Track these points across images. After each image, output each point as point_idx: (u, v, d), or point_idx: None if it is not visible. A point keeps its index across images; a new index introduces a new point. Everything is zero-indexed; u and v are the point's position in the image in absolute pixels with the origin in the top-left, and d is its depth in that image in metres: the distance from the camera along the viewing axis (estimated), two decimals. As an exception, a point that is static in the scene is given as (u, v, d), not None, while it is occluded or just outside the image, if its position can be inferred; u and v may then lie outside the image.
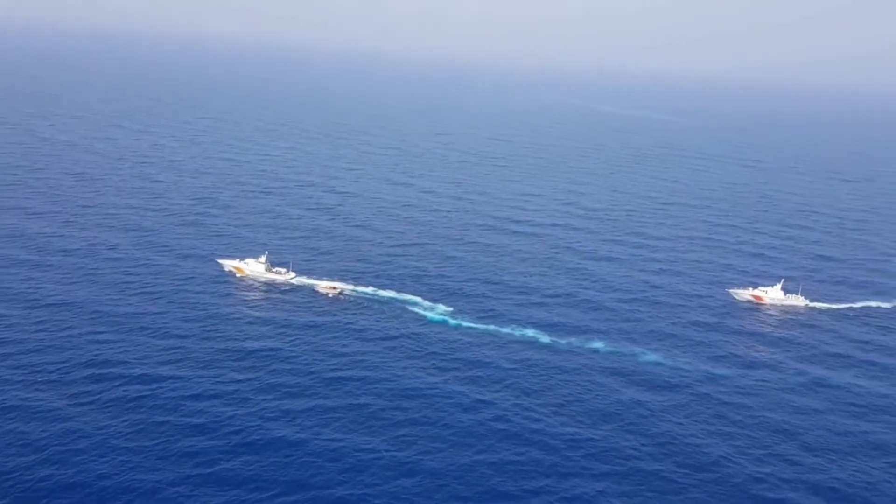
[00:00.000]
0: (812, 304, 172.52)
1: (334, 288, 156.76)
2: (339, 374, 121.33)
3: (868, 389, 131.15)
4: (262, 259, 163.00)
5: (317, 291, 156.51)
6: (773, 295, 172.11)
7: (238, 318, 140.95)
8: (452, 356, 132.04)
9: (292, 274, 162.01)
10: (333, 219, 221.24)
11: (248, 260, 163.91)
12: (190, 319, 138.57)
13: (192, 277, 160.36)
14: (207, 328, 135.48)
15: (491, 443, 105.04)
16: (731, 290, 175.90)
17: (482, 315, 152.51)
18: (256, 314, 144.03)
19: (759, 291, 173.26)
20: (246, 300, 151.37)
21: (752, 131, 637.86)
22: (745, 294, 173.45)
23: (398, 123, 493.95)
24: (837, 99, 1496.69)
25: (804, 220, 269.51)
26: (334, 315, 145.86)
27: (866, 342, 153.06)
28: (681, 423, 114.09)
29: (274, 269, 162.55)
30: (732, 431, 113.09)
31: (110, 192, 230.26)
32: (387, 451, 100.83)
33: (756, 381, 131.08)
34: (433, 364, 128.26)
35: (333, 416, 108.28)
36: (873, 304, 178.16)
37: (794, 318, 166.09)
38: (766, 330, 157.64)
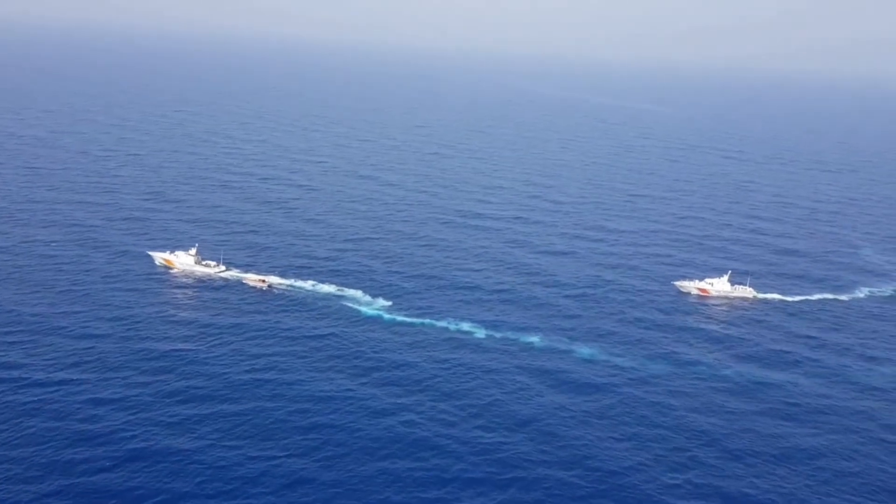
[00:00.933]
0: (761, 296, 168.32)
1: (263, 281, 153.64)
2: (253, 376, 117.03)
3: (806, 389, 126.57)
4: (192, 252, 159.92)
5: (245, 285, 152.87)
6: (719, 287, 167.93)
7: (161, 318, 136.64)
8: (378, 355, 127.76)
9: (222, 267, 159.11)
10: (289, 213, 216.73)
11: (178, 252, 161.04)
12: (111, 319, 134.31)
13: (124, 274, 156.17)
14: (127, 328, 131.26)
15: (398, 449, 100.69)
16: (676, 283, 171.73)
17: (421, 310, 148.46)
18: (182, 314, 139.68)
19: (704, 284, 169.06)
20: (174, 298, 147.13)
21: (740, 122, 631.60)
22: (690, 286, 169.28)
23: (382, 116, 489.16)
24: (830, 88, 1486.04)
25: (776, 212, 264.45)
26: (264, 313, 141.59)
27: (812, 338, 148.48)
28: (601, 427, 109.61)
29: (203, 262, 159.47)
30: (655, 434, 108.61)
31: (64, 188, 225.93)
32: (285, 459, 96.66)
33: (690, 380, 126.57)
34: (355, 364, 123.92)
35: (235, 422, 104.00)
36: (830, 296, 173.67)
37: (740, 311, 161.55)
38: (709, 325, 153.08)
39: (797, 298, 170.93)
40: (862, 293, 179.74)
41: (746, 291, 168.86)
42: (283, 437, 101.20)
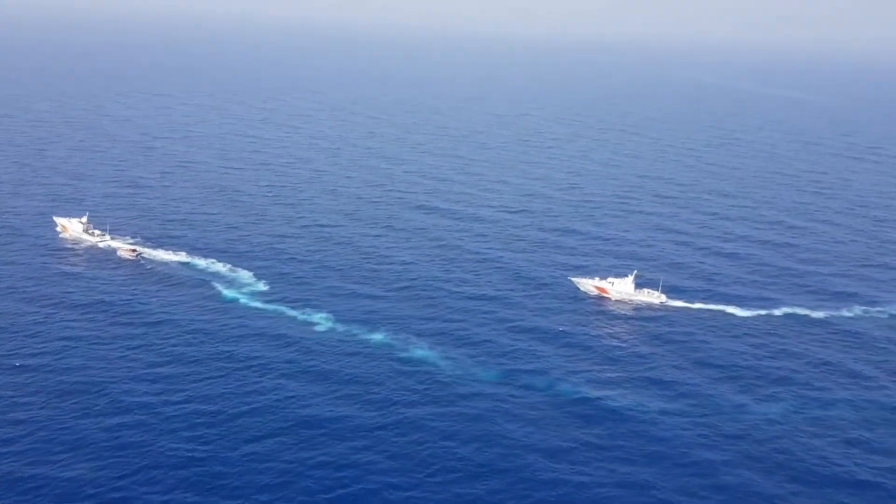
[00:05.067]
0: (668, 303, 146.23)
1: (133, 251, 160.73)
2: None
3: (625, 443, 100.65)
4: (83, 220, 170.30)
5: (119, 256, 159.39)
6: (620, 288, 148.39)
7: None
8: (167, 350, 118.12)
9: (107, 237, 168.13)
10: (256, 200, 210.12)
11: (72, 220, 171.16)
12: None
13: (29, 246, 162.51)
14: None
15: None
16: (573, 279, 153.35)
17: (290, 300, 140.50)
18: (29, 291, 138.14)
19: (604, 283, 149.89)
20: (44, 268, 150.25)
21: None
22: (588, 284, 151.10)
23: (475, 105, 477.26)
24: None
25: (833, 220, 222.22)
26: (103, 299, 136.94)
27: (708, 365, 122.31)
28: (330, 459, 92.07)
29: (90, 231, 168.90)
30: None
31: (60, 163, 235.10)
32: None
33: (495, 402, 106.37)
34: (127, 367, 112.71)
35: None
36: (800, 312, 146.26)
37: (635, 321, 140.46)
38: (585, 336, 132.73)
39: (735, 312, 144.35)
40: (851, 313, 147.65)
41: (653, 296, 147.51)
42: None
